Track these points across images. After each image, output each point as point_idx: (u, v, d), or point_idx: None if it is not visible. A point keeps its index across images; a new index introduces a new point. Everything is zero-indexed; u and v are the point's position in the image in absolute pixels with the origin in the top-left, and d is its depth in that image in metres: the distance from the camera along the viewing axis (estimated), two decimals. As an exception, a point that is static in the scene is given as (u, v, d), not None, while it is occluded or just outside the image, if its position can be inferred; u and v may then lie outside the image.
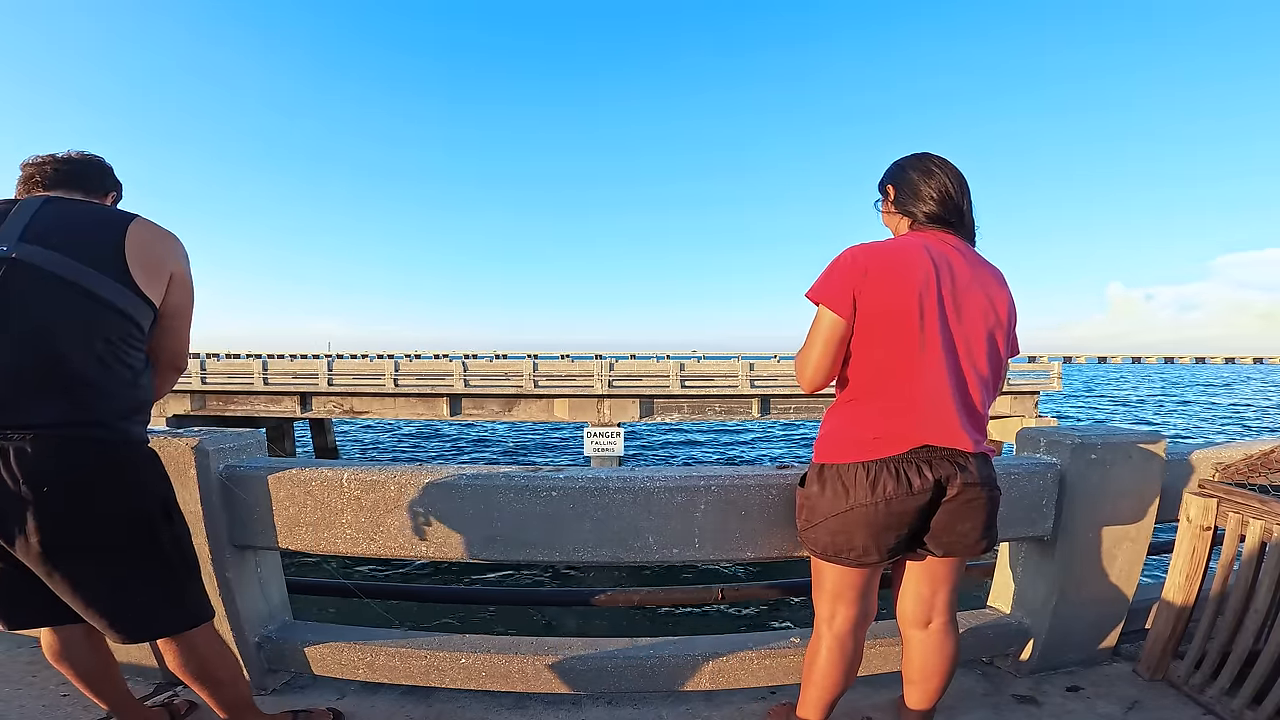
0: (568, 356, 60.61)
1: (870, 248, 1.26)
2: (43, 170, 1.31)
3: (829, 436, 1.34)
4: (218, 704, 1.41)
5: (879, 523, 1.26)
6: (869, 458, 1.26)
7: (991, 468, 1.32)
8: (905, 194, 1.35)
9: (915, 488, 1.24)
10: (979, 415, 1.29)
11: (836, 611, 1.39)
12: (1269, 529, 1.58)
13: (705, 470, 1.70)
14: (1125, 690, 1.76)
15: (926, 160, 1.34)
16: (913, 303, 1.21)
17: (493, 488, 1.63)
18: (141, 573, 1.22)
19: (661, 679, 1.74)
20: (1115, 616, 1.88)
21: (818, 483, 1.34)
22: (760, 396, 18.24)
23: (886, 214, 1.42)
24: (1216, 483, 1.75)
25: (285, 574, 1.96)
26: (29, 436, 1.07)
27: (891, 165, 1.40)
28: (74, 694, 1.76)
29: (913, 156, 1.37)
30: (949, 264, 1.25)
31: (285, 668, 1.83)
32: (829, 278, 1.26)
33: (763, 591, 2.10)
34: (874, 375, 1.26)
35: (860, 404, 1.29)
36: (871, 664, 1.79)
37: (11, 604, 1.21)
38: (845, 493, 1.28)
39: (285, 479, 1.68)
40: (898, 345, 1.23)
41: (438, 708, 1.73)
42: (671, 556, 1.64)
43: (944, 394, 1.23)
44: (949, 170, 1.32)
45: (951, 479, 1.25)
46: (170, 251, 1.28)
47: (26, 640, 2.05)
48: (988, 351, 1.27)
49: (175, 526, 1.29)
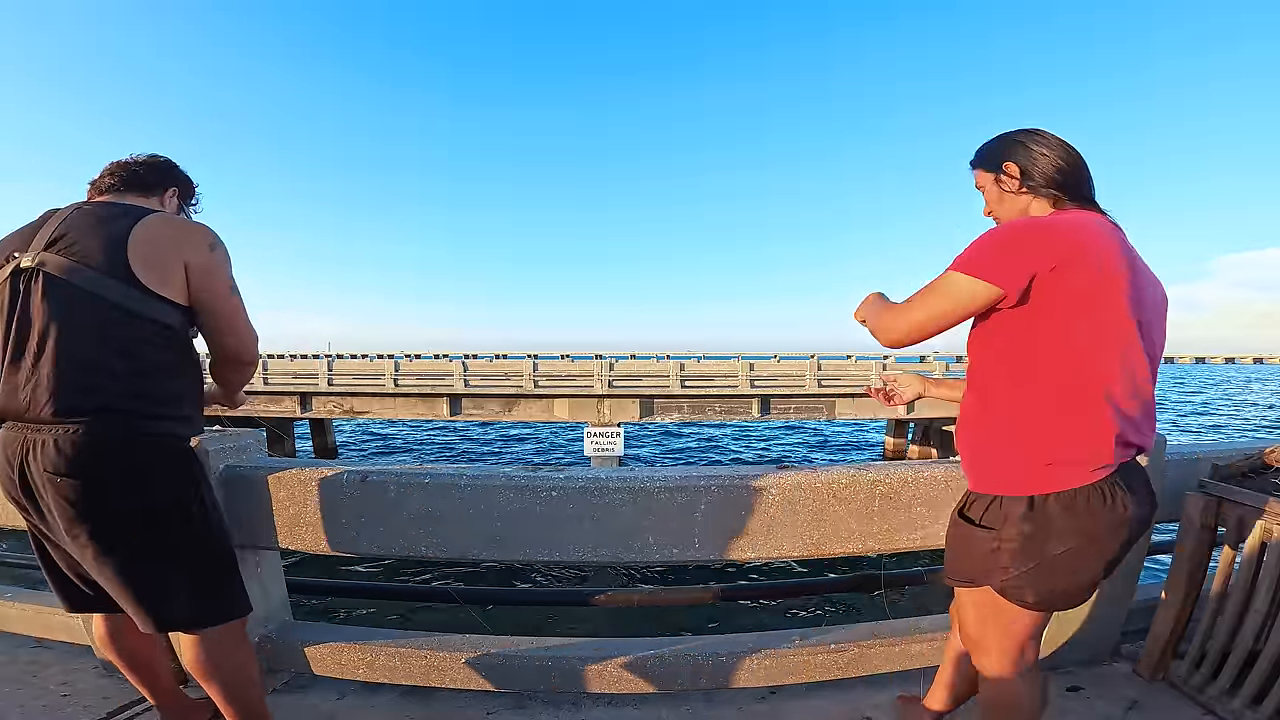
0: (568, 356, 60.62)
1: (1055, 221, 1.09)
2: (104, 177, 1.37)
3: (1033, 455, 1.09)
4: (227, 707, 1.39)
5: (1110, 553, 1.10)
6: (1099, 477, 1.07)
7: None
8: (1042, 169, 1.18)
9: (1127, 504, 1.09)
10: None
11: (1028, 649, 1.20)
12: (1269, 529, 1.57)
13: (705, 470, 1.70)
14: (1125, 690, 1.76)
15: (1048, 135, 1.21)
16: (1120, 285, 1.04)
17: (493, 488, 1.63)
18: (156, 566, 1.24)
19: (661, 679, 1.74)
20: (1115, 616, 1.88)
21: (1030, 521, 1.09)
22: (760, 396, 18.22)
23: (1006, 195, 1.23)
24: (1216, 482, 1.74)
25: (285, 574, 1.96)
26: (55, 432, 1.15)
27: (1003, 141, 1.24)
28: (74, 694, 1.76)
29: (1027, 131, 1.22)
30: (1125, 243, 1.11)
31: (285, 668, 1.83)
32: (1015, 253, 1.05)
33: (763, 591, 2.10)
34: (1083, 371, 1.06)
35: (1076, 408, 1.07)
36: (871, 664, 1.79)
37: (68, 588, 1.33)
38: (1079, 525, 1.07)
39: (285, 479, 1.68)
40: (1106, 335, 1.05)
41: (438, 708, 1.73)
42: (671, 556, 1.64)
43: (1148, 391, 1.10)
44: (1071, 146, 1.20)
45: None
46: (181, 243, 1.25)
47: (26, 640, 2.06)
48: (1159, 343, 1.14)
49: (195, 526, 1.29)
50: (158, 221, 1.25)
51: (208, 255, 1.28)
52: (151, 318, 1.21)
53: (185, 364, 1.30)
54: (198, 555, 1.29)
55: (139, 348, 1.20)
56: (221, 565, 1.35)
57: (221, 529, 1.37)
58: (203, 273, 1.26)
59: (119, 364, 1.18)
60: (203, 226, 1.32)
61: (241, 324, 1.34)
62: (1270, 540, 1.57)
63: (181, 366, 1.29)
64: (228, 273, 1.31)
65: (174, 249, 1.24)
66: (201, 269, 1.26)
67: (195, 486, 1.31)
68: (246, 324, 1.35)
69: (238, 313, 1.33)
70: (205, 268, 1.27)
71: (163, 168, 1.44)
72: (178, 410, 1.28)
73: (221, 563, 1.35)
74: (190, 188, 1.52)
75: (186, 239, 1.26)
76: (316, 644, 1.78)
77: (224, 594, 1.34)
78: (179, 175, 1.48)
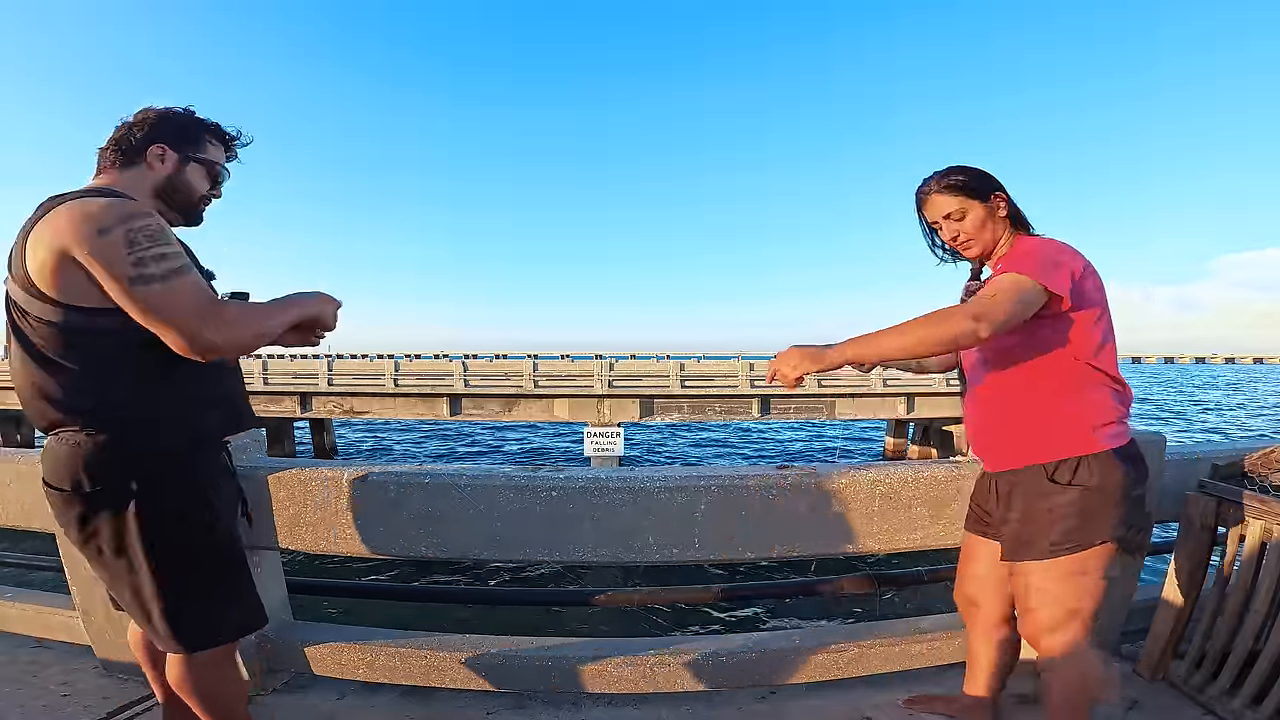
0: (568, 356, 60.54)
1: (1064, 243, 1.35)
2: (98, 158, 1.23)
3: (1107, 419, 1.32)
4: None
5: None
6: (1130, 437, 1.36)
7: None
8: (1013, 204, 1.42)
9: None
10: None
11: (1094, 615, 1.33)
12: (1269, 529, 1.57)
13: (705, 470, 1.70)
14: (1125, 690, 1.76)
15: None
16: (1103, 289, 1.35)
17: (493, 487, 1.63)
18: (132, 582, 1.15)
19: (661, 679, 1.74)
20: (1115, 616, 1.88)
21: (1118, 470, 1.30)
22: (760, 396, 18.22)
23: (993, 220, 1.40)
24: (1216, 483, 1.75)
25: (285, 574, 1.96)
26: (49, 439, 1.13)
27: (983, 174, 1.41)
28: (74, 694, 1.76)
29: (987, 172, 1.42)
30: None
31: (285, 668, 1.83)
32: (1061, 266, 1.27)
33: (763, 591, 2.10)
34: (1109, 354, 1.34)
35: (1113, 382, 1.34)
36: (871, 664, 1.79)
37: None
38: (1141, 471, 1.35)
39: (285, 479, 1.68)
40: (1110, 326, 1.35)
41: (438, 708, 1.73)
42: (671, 556, 1.64)
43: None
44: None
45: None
46: (62, 236, 1.02)
47: (26, 640, 2.06)
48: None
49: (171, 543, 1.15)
50: (52, 214, 1.04)
51: (93, 244, 1.01)
52: (64, 325, 1.06)
53: (128, 367, 1.11)
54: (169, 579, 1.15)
55: (74, 358, 1.08)
56: (192, 593, 1.18)
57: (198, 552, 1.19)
58: (93, 267, 1.02)
59: (58, 378, 1.08)
60: (93, 210, 1.04)
61: (168, 314, 1.05)
62: (1270, 540, 1.57)
63: (125, 370, 1.11)
64: (123, 261, 1.02)
65: (53, 246, 1.02)
66: (90, 263, 1.02)
67: (177, 500, 1.16)
68: (179, 310, 1.06)
69: (156, 304, 1.04)
70: (92, 261, 1.02)
71: (140, 124, 1.20)
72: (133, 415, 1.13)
73: (194, 590, 1.18)
74: (193, 133, 1.25)
75: (68, 231, 1.02)
76: (316, 644, 1.78)
77: (198, 622, 1.19)
78: (164, 126, 1.21)
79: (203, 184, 1.28)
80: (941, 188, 1.40)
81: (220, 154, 1.31)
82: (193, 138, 1.25)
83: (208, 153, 1.27)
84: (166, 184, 1.23)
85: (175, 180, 1.24)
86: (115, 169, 1.20)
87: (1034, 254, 1.30)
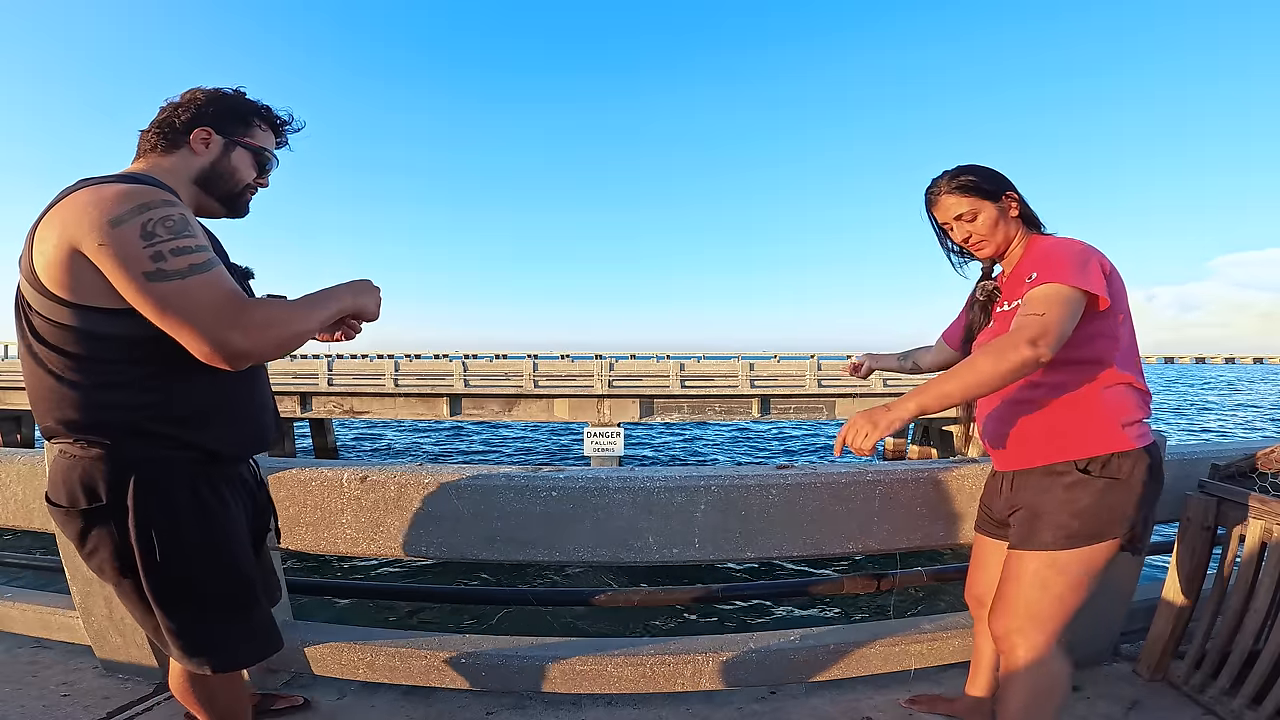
0: (568, 356, 60.52)
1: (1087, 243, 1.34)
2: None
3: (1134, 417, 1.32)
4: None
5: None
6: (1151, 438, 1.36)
7: None
8: (1025, 204, 1.41)
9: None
10: None
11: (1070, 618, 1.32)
12: (1269, 529, 1.58)
13: (705, 470, 1.70)
14: (1125, 690, 1.76)
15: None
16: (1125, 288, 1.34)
17: (492, 488, 1.63)
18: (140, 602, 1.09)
19: (661, 679, 1.74)
20: (1115, 616, 1.88)
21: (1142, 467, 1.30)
22: (760, 397, 18.23)
23: (1007, 219, 1.39)
24: (1216, 483, 1.75)
25: (285, 574, 1.96)
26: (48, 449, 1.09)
27: (993, 173, 1.40)
28: (74, 694, 1.76)
29: (998, 171, 1.41)
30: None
31: (285, 668, 1.83)
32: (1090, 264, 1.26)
33: (763, 591, 2.10)
34: (1134, 353, 1.36)
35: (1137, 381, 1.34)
36: (871, 664, 1.79)
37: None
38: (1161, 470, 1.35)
39: (285, 479, 1.68)
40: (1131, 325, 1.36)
41: (438, 708, 1.73)
42: (671, 556, 1.64)
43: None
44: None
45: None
46: (69, 229, 0.93)
47: (26, 640, 2.06)
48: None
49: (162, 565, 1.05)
50: (65, 201, 0.96)
51: (104, 235, 0.92)
52: (72, 326, 0.97)
53: (138, 375, 1.02)
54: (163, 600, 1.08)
55: (80, 363, 0.99)
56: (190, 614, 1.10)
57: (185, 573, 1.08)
58: (104, 261, 0.93)
59: (63, 384, 1.00)
60: (107, 196, 0.95)
61: (186, 314, 0.94)
62: (1270, 540, 1.57)
63: (135, 378, 1.02)
64: (138, 255, 0.93)
65: (62, 237, 0.93)
66: (101, 256, 0.93)
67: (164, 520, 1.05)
68: (198, 311, 0.95)
69: (173, 303, 0.94)
70: (102, 254, 0.93)
71: (186, 105, 1.11)
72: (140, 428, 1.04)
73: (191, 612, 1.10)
74: (242, 115, 1.16)
75: (78, 220, 0.93)
76: (316, 644, 1.78)
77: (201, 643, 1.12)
78: (212, 107, 1.12)
79: (249, 172, 1.19)
80: (952, 188, 1.38)
81: (270, 139, 1.22)
82: (242, 121, 1.17)
83: (256, 138, 1.19)
84: (210, 170, 1.15)
85: (219, 167, 1.15)
86: (156, 153, 1.12)
87: (1060, 257, 1.26)
